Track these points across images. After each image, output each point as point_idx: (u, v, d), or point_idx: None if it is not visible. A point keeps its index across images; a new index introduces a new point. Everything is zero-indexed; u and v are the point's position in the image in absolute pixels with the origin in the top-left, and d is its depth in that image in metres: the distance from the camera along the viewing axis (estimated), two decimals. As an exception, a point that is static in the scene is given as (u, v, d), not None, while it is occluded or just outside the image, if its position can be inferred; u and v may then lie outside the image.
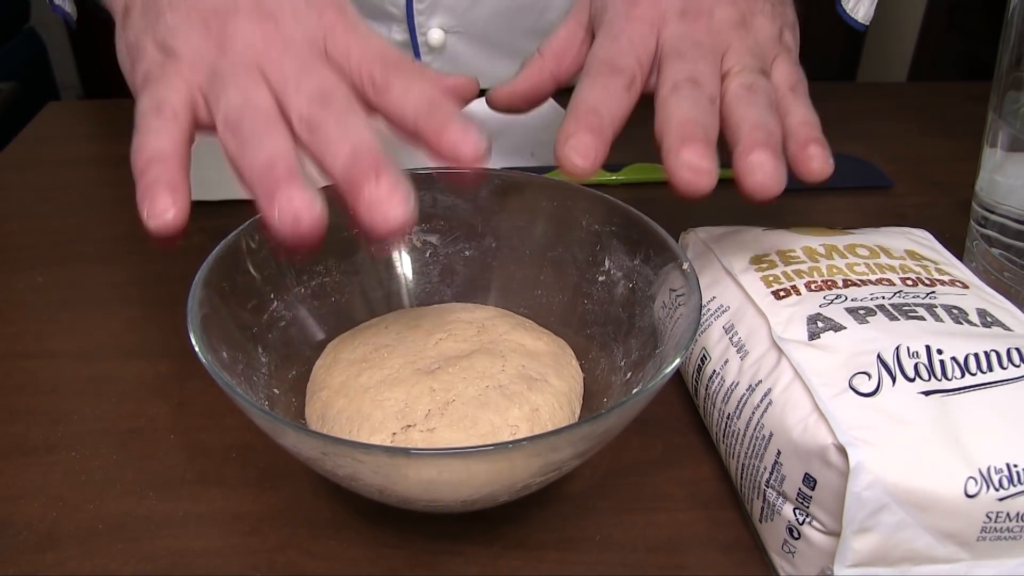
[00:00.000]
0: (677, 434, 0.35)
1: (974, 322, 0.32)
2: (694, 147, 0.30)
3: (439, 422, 0.29)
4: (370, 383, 0.31)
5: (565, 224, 0.36)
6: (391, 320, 0.35)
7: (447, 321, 0.34)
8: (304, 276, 0.35)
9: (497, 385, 0.31)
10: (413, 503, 0.28)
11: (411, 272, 0.37)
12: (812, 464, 0.27)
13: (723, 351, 0.33)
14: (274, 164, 0.26)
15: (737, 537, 0.31)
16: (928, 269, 0.35)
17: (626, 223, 0.34)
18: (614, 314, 0.34)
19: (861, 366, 0.29)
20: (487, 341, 0.33)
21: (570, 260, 0.36)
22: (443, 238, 0.37)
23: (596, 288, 0.35)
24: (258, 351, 0.32)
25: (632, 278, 0.34)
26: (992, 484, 0.26)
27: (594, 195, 0.35)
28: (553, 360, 0.32)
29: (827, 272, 0.34)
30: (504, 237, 0.37)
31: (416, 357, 0.32)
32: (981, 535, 0.27)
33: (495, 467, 0.26)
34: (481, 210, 0.37)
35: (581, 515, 0.32)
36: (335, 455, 0.25)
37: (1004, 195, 0.36)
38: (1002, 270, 0.37)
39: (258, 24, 0.30)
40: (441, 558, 0.31)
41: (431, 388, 0.30)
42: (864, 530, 0.26)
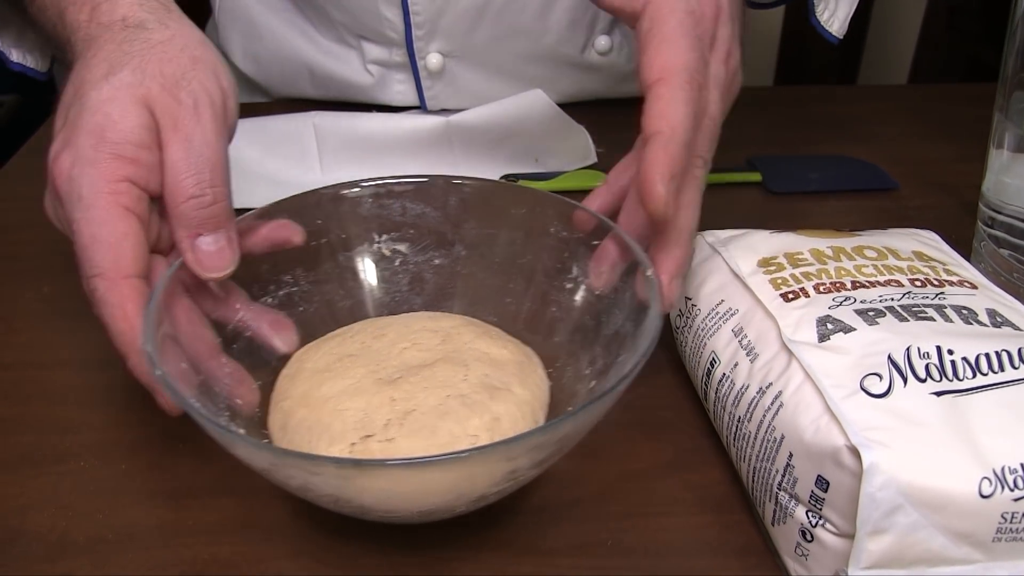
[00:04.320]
0: (687, 438, 0.35)
1: (984, 322, 0.32)
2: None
3: (398, 432, 0.29)
4: (331, 393, 0.31)
5: (534, 231, 0.36)
6: (357, 330, 0.35)
7: (412, 330, 0.34)
8: (271, 286, 0.35)
9: (458, 394, 0.30)
10: (369, 513, 0.27)
11: (381, 281, 0.38)
12: (825, 466, 0.27)
13: (732, 354, 0.33)
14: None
15: (749, 541, 0.31)
16: (936, 270, 0.35)
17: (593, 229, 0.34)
18: (581, 322, 0.34)
19: (872, 367, 0.29)
20: (451, 350, 0.33)
21: (539, 267, 0.36)
22: (413, 247, 0.37)
23: (564, 295, 0.35)
24: (221, 361, 0.32)
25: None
26: (1007, 484, 0.26)
27: (562, 202, 0.35)
28: (518, 369, 0.32)
29: (835, 274, 0.34)
30: (473, 245, 0.37)
31: (378, 367, 0.32)
32: (996, 536, 0.27)
33: (447, 477, 0.25)
34: (450, 218, 0.37)
35: (592, 519, 0.32)
36: (284, 467, 0.25)
37: (1012, 196, 0.36)
38: (1011, 271, 0.37)
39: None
40: (453, 564, 0.30)
41: (391, 398, 0.30)
42: (878, 531, 0.26)
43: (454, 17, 0.55)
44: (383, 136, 0.51)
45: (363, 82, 0.60)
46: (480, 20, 0.55)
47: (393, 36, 0.57)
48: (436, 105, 0.59)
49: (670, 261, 0.32)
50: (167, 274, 0.31)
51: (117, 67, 0.32)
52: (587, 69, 0.61)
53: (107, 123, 0.31)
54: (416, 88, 0.59)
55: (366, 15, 0.56)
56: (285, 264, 0.36)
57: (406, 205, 0.37)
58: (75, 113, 0.31)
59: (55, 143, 0.32)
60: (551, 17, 0.56)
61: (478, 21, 0.55)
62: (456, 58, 0.58)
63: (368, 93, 0.60)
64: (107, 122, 0.31)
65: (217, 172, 0.32)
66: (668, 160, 0.29)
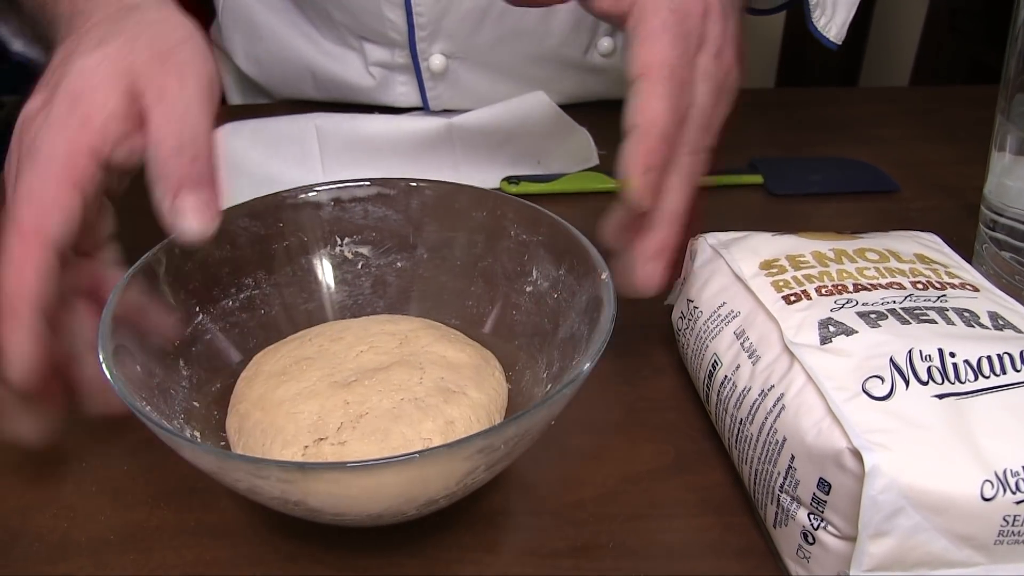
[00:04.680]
0: (689, 440, 0.35)
1: (986, 325, 0.32)
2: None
3: (351, 435, 0.29)
4: (286, 396, 0.31)
5: (495, 234, 0.36)
6: (316, 333, 0.35)
7: (370, 333, 0.34)
8: (232, 290, 0.35)
9: (412, 398, 0.30)
10: (319, 516, 0.28)
11: (343, 284, 0.38)
12: (826, 468, 0.27)
13: (734, 356, 0.33)
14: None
15: (751, 543, 0.31)
16: (938, 272, 0.35)
17: (552, 232, 0.34)
18: (540, 325, 0.34)
19: (874, 369, 0.29)
20: (407, 353, 0.33)
21: (499, 270, 0.36)
22: (375, 249, 0.38)
23: (524, 298, 0.35)
24: (179, 364, 0.32)
25: (557, 288, 0.34)
26: (1009, 487, 0.26)
27: (522, 205, 0.35)
28: (474, 372, 0.32)
29: (837, 276, 0.34)
30: (435, 248, 0.37)
31: (334, 370, 0.32)
32: (998, 539, 0.27)
33: (392, 481, 0.25)
34: (412, 221, 0.37)
35: (594, 522, 0.32)
36: (230, 470, 0.26)
37: (1013, 198, 0.36)
38: (1013, 273, 0.37)
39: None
40: (454, 566, 0.30)
41: (345, 401, 0.30)
42: (880, 534, 0.26)
43: (457, 18, 0.55)
44: (385, 138, 0.51)
45: (365, 84, 0.60)
46: (483, 21, 0.55)
47: (396, 37, 0.57)
48: (439, 106, 0.59)
49: (649, 242, 0.33)
50: (123, 280, 0.31)
51: (108, 38, 0.32)
52: (590, 71, 0.61)
53: (84, 90, 0.30)
54: (419, 89, 0.59)
55: (368, 16, 0.56)
56: (246, 267, 0.36)
57: (368, 208, 0.37)
58: (58, 76, 0.31)
59: (33, 100, 0.32)
60: (554, 19, 0.56)
61: (481, 22, 0.55)
62: (459, 59, 0.58)
63: (370, 95, 0.60)
64: (85, 88, 0.30)
65: (200, 136, 0.32)
66: (644, 152, 0.31)
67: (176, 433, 0.27)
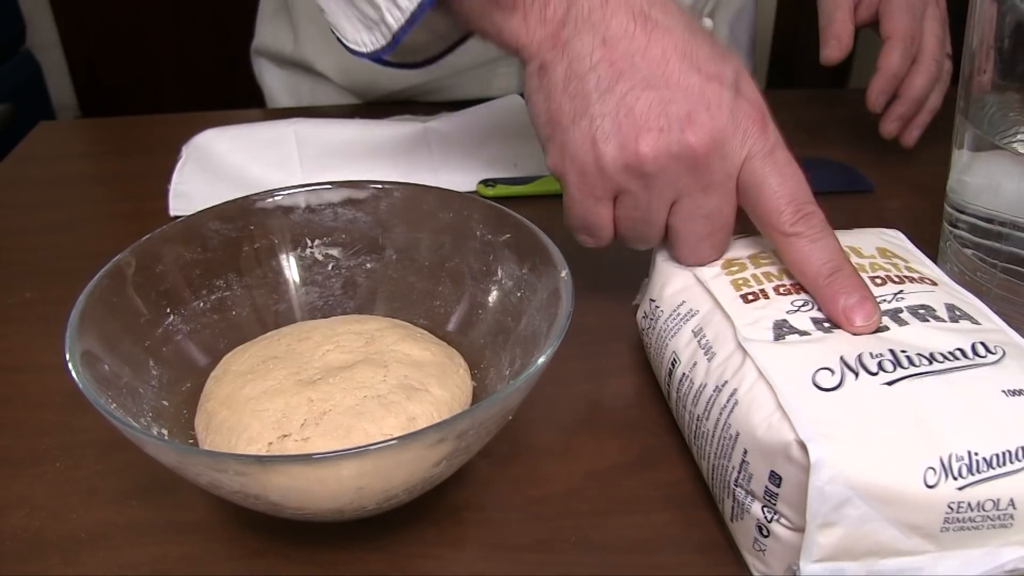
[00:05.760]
0: (653, 437, 0.36)
1: (942, 317, 0.32)
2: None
3: (314, 431, 0.30)
4: (253, 394, 0.32)
5: (461, 235, 0.37)
6: (285, 333, 0.36)
7: (337, 333, 0.35)
8: (203, 291, 0.36)
9: (376, 395, 0.31)
10: (281, 510, 0.28)
11: (313, 285, 0.38)
12: (777, 461, 0.28)
13: (692, 354, 0.33)
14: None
15: (711, 537, 0.32)
16: (898, 267, 0.35)
17: (516, 232, 0.35)
18: (504, 323, 0.35)
19: (824, 363, 0.29)
20: (373, 352, 0.33)
21: (466, 270, 0.37)
22: (345, 251, 0.38)
23: (489, 298, 0.36)
24: (149, 364, 0.33)
25: (521, 287, 0.35)
26: (952, 473, 0.27)
27: (487, 206, 0.36)
28: (438, 370, 0.33)
29: (797, 274, 0.34)
30: (404, 249, 0.38)
31: (300, 368, 0.33)
32: (944, 526, 0.27)
33: (346, 474, 0.26)
34: (382, 223, 0.38)
35: (558, 517, 0.33)
36: (191, 464, 0.26)
37: (973, 195, 0.37)
38: (975, 270, 0.37)
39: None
40: (417, 561, 0.31)
41: (309, 399, 0.31)
42: (828, 525, 0.27)
43: None
44: (362, 143, 0.52)
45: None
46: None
47: None
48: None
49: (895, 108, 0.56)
50: (92, 282, 0.32)
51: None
52: None
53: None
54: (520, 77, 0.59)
55: None
56: (218, 269, 0.37)
57: (337, 211, 0.38)
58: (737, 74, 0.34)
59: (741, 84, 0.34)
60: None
61: None
62: None
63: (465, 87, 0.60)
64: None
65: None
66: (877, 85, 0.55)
67: (138, 429, 0.28)
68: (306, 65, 0.66)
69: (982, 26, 0.34)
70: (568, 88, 0.34)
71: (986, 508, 0.27)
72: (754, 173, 0.34)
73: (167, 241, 0.35)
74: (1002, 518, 0.27)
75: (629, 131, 0.33)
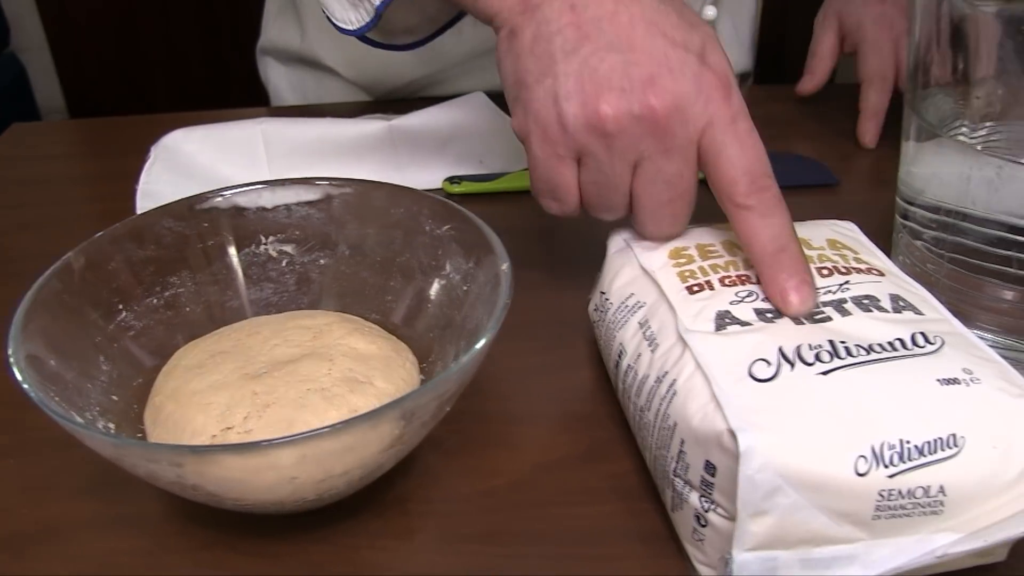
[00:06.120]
0: (603, 429, 0.36)
1: (885, 308, 0.32)
2: None
3: (256, 424, 0.30)
4: (199, 388, 0.32)
5: (411, 230, 0.37)
6: (236, 328, 0.36)
7: (286, 328, 0.35)
8: (156, 288, 0.37)
9: (319, 388, 0.31)
10: (221, 501, 0.29)
11: (268, 281, 0.39)
12: (711, 451, 0.28)
13: (637, 345, 0.33)
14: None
15: (655, 528, 0.32)
16: (846, 258, 0.35)
17: (462, 226, 0.35)
18: (451, 316, 0.35)
19: (761, 353, 0.29)
20: (319, 346, 0.34)
21: (416, 265, 0.37)
22: (299, 247, 0.39)
23: (438, 291, 0.36)
24: (99, 360, 0.33)
25: (467, 280, 0.35)
26: (882, 461, 0.27)
27: (436, 200, 0.37)
28: (383, 363, 0.33)
29: (743, 266, 0.35)
30: (356, 245, 0.39)
31: (247, 362, 0.33)
32: (876, 514, 0.27)
33: (278, 464, 0.26)
34: (334, 219, 0.38)
35: (505, 509, 0.33)
36: (127, 456, 0.27)
37: (920, 187, 0.37)
38: (925, 261, 0.37)
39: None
40: (364, 552, 0.31)
41: (254, 392, 0.31)
42: (759, 513, 0.27)
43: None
44: (328, 141, 0.52)
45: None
46: None
47: None
48: None
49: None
50: (41, 280, 0.32)
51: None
52: None
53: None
54: None
55: None
56: (172, 266, 0.37)
57: (291, 207, 0.38)
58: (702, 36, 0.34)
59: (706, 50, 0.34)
60: None
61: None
62: None
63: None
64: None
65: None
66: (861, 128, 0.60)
67: (79, 423, 0.28)
68: (313, 60, 0.68)
69: (923, 20, 0.34)
70: (535, 50, 0.34)
71: (916, 495, 0.27)
72: (714, 140, 0.34)
73: (119, 239, 0.35)
74: (932, 505, 0.28)
75: (591, 90, 0.33)
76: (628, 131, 0.33)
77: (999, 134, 0.35)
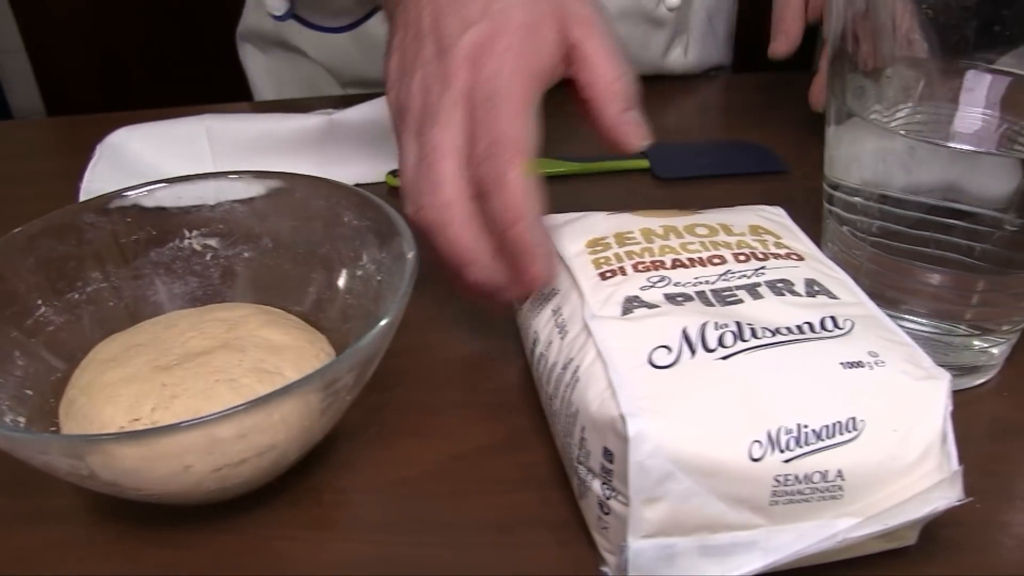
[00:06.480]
0: (524, 419, 0.36)
1: (799, 292, 0.32)
2: None
3: (163, 415, 0.30)
4: (111, 381, 0.32)
5: (331, 222, 0.37)
6: (155, 321, 0.36)
7: (204, 320, 0.35)
8: (79, 283, 0.37)
9: (228, 379, 0.31)
10: (122, 491, 0.29)
11: (192, 275, 0.39)
12: (607, 437, 0.28)
13: (549, 333, 0.33)
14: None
15: (565, 516, 0.32)
16: (766, 244, 0.35)
17: (377, 217, 0.35)
18: (367, 307, 0.35)
19: (664, 340, 0.29)
20: (233, 337, 0.34)
21: (336, 257, 0.37)
22: (223, 241, 0.39)
23: (356, 283, 0.36)
24: (14, 355, 0.33)
25: (381, 271, 0.35)
26: (778, 446, 0.27)
27: (354, 192, 0.37)
28: (296, 355, 0.33)
29: (659, 252, 0.34)
30: (279, 237, 0.39)
31: (160, 355, 0.33)
32: (773, 499, 0.27)
33: (167, 452, 0.26)
34: (257, 212, 0.38)
35: (417, 498, 0.33)
36: (19, 448, 0.27)
37: (842, 170, 0.37)
38: (851, 247, 0.37)
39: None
40: (271, 542, 0.31)
41: (163, 384, 0.31)
42: (653, 500, 0.27)
43: None
44: (271, 137, 0.52)
45: None
46: None
47: None
48: None
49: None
50: None
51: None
52: (655, 26, 0.66)
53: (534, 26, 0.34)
54: None
55: None
56: (94, 261, 0.37)
57: (215, 200, 0.38)
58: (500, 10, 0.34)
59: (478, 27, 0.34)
60: None
61: None
62: None
63: None
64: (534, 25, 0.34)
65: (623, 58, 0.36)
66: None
67: None
68: (286, 43, 0.68)
69: (836, 3, 0.34)
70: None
71: (814, 480, 0.27)
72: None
73: (35, 236, 0.35)
74: (831, 489, 0.27)
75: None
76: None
77: (914, 115, 0.35)
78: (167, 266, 0.38)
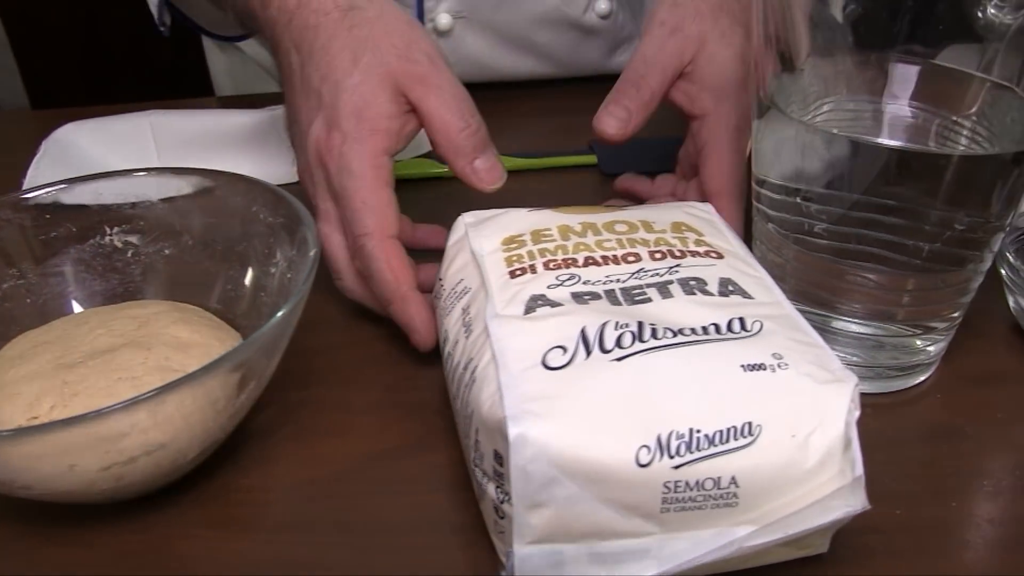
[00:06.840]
0: (440, 419, 0.35)
1: (711, 291, 0.31)
2: None
3: (62, 413, 0.30)
4: (14, 378, 0.32)
5: (248, 219, 0.37)
6: (68, 319, 0.36)
7: (114, 317, 0.35)
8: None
9: (131, 377, 0.31)
10: (14, 490, 0.28)
11: (113, 272, 0.39)
12: (497, 440, 0.27)
13: (456, 332, 0.32)
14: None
15: (468, 519, 0.31)
16: (685, 241, 0.34)
17: (289, 214, 0.35)
18: (278, 304, 0.35)
19: (560, 340, 0.28)
20: (141, 335, 0.33)
21: (252, 254, 0.37)
22: (144, 238, 0.39)
23: (270, 280, 0.36)
24: None
25: (292, 267, 0.35)
26: (668, 452, 0.26)
27: (268, 189, 0.37)
28: (203, 353, 0.33)
29: (573, 250, 0.34)
30: (199, 235, 0.39)
31: (66, 352, 0.33)
32: (664, 506, 0.26)
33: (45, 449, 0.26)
34: (178, 209, 0.38)
35: (324, 498, 0.32)
36: None
37: (766, 165, 0.36)
38: (779, 246, 0.36)
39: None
40: (175, 542, 0.31)
41: (64, 381, 0.31)
42: (537, 505, 0.26)
43: None
44: (216, 132, 0.52)
45: None
46: None
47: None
48: None
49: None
50: None
51: (360, 53, 0.37)
52: (586, 33, 0.65)
53: (363, 104, 0.37)
54: None
55: None
56: (12, 257, 0.37)
57: (136, 197, 0.38)
58: (331, 97, 0.37)
59: (317, 123, 0.38)
60: None
61: None
62: (463, 19, 0.60)
63: None
64: (363, 103, 0.37)
65: (469, 105, 0.38)
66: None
67: None
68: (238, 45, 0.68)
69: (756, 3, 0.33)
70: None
71: (706, 487, 0.26)
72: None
73: None
74: (725, 497, 0.27)
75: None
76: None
77: (830, 110, 0.34)
78: (87, 263, 0.38)
